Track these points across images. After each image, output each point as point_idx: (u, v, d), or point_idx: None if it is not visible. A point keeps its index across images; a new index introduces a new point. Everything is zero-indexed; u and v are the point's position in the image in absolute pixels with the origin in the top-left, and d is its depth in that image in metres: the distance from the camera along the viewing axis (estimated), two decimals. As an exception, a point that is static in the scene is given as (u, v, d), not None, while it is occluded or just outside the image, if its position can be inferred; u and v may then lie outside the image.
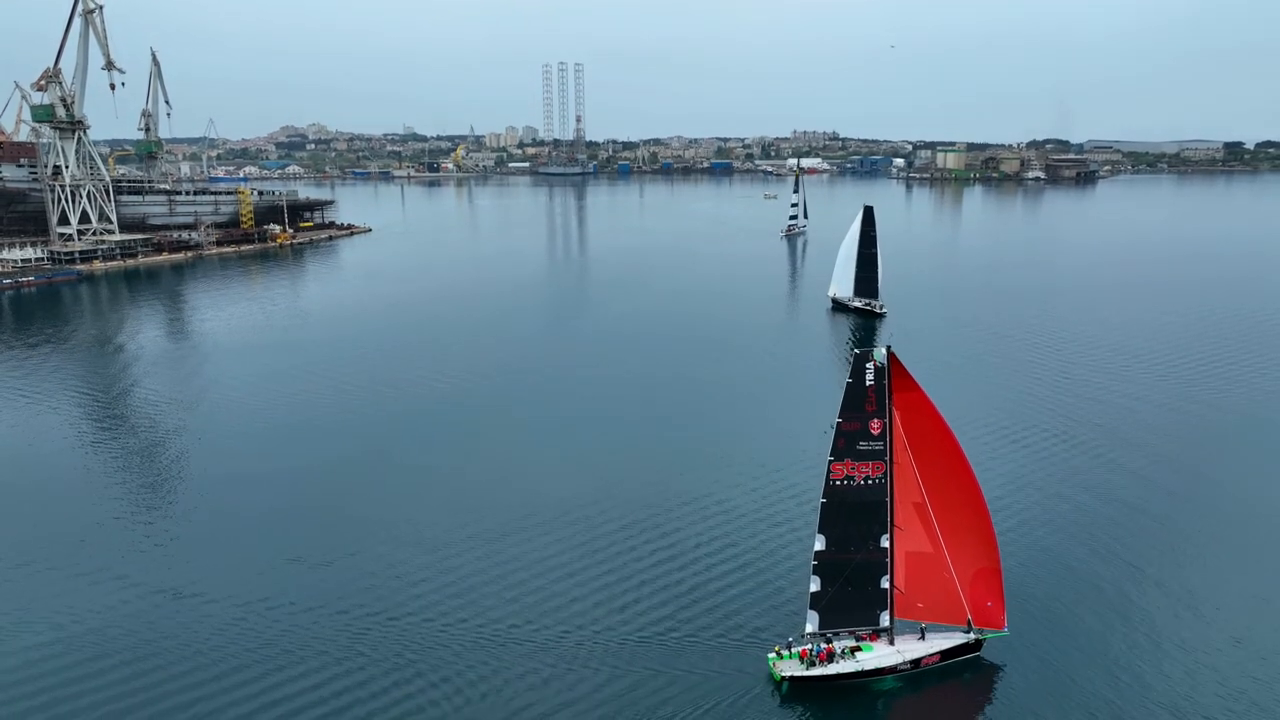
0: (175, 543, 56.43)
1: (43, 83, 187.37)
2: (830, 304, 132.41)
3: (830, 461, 41.39)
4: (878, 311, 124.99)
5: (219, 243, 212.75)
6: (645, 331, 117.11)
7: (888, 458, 41.50)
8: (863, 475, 41.37)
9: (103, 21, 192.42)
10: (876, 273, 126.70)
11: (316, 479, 66.15)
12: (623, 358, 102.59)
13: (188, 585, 50.58)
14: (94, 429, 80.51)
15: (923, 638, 43.23)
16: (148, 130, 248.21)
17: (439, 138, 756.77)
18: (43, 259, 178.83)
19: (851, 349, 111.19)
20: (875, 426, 41.20)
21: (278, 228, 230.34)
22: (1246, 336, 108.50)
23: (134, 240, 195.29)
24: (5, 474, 68.57)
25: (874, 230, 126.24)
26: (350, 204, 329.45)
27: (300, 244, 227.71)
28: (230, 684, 41.47)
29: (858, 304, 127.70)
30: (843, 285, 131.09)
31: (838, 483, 41.40)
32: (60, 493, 64.83)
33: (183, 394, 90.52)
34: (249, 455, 71.40)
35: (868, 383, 40.95)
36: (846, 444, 41.14)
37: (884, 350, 41.06)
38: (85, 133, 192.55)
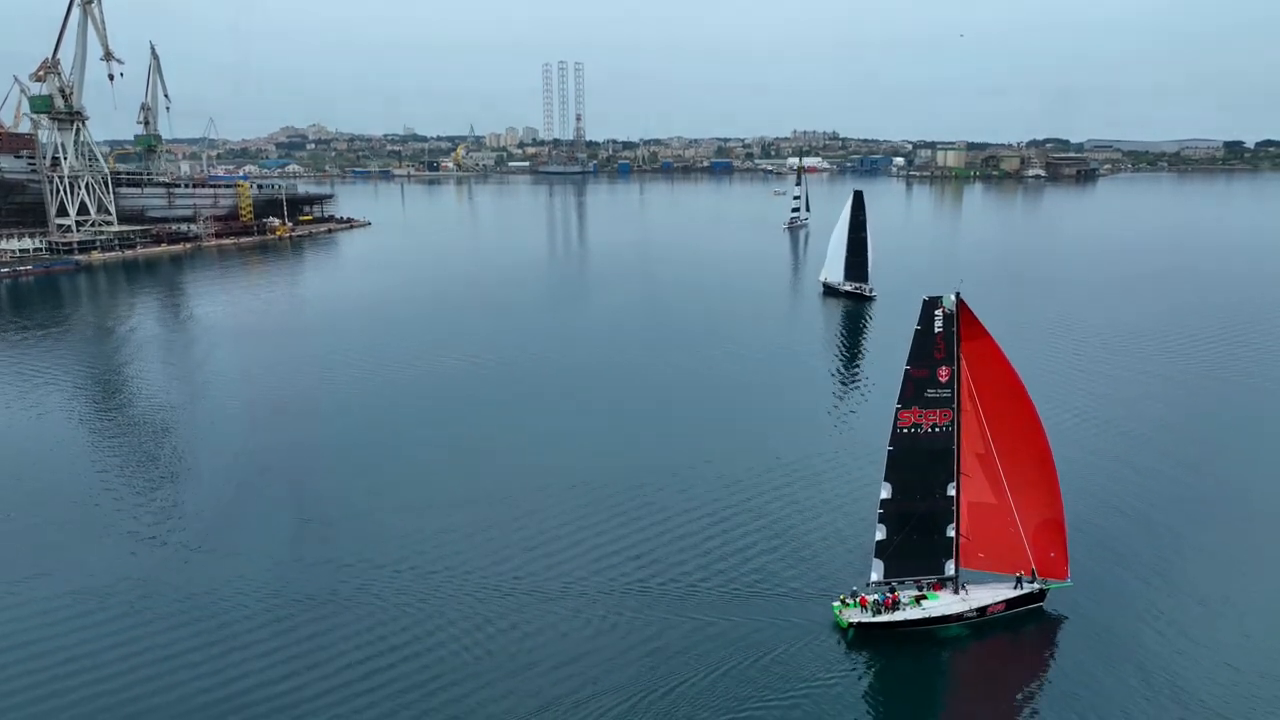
0: (183, 504, 55.89)
1: (41, 74, 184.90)
2: (821, 289, 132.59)
3: (898, 409, 40.23)
4: (867, 295, 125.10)
5: (218, 235, 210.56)
6: (648, 322, 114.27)
7: (955, 405, 39.98)
8: (930, 423, 40.14)
9: (101, 12, 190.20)
10: (866, 257, 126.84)
11: (322, 453, 64.86)
12: (626, 346, 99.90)
13: (196, 541, 50.33)
14: (99, 404, 79.40)
15: (1018, 587, 41.85)
16: (147, 124, 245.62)
17: (439, 138, 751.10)
18: (41, 249, 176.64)
19: (840, 328, 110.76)
20: (943, 374, 39.87)
21: (277, 221, 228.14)
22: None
23: (132, 231, 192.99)
24: (14, 445, 67.04)
25: (864, 215, 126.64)
26: (350, 201, 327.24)
27: (299, 237, 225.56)
28: (237, 631, 41.08)
29: (848, 288, 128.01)
30: (834, 270, 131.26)
31: (904, 430, 40.16)
32: (69, 461, 63.90)
33: (185, 372, 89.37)
34: (254, 430, 70.14)
35: (936, 330, 39.61)
36: (914, 391, 39.77)
37: (953, 297, 39.61)
38: (84, 124, 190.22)
